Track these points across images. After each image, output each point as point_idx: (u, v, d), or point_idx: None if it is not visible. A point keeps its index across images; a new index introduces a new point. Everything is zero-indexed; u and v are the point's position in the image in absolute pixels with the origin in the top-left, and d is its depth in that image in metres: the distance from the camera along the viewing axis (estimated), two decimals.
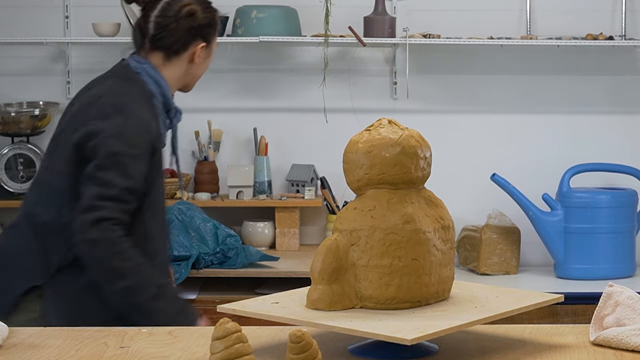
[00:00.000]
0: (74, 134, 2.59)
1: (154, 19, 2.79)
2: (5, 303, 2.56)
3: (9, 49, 4.17)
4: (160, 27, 2.78)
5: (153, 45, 2.79)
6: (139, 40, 2.82)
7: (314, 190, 4.08)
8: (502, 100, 4.20)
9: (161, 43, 2.79)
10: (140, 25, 2.82)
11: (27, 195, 2.74)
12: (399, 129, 1.85)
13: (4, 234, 2.76)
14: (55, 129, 2.74)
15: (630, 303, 1.84)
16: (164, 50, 2.79)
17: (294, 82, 4.17)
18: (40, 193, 2.64)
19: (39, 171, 2.80)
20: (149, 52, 2.81)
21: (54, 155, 2.65)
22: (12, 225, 2.71)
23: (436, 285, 1.82)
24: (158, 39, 2.78)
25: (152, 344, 1.88)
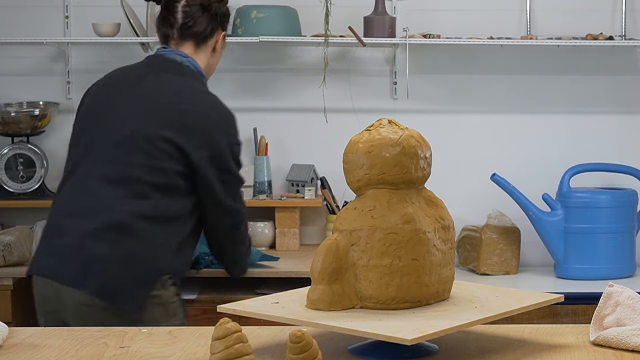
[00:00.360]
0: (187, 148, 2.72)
1: (181, 9, 2.90)
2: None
3: (9, 49, 4.17)
4: (188, 15, 2.90)
5: (182, 35, 2.91)
6: (167, 31, 2.92)
7: (314, 190, 4.07)
8: (502, 100, 4.20)
9: (190, 31, 2.91)
10: (165, 17, 2.91)
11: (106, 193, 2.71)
12: (399, 129, 1.85)
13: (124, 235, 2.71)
14: (110, 128, 2.79)
15: (630, 303, 1.84)
16: (194, 39, 2.92)
17: (294, 82, 4.16)
18: (129, 188, 2.70)
19: (118, 169, 2.74)
20: (179, 43, 2.92)
21: (141, 156, 2.72)
22: (122, 226, 2.69)
23: (436, 285, 1.82)
24: (187, 27, 2.90)
25: (152, 344, 1.88)
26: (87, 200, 2.72)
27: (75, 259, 2.66)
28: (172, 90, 2.82)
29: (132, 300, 2.64)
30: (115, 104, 2.83)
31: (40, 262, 2.77)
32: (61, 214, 2.77)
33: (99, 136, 2.80)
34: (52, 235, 2.76)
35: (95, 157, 2.77)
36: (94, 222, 2.67)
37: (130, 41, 3.97)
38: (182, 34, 2.91)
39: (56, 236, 2.74)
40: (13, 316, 3.65)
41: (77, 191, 2.76)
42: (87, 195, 2.73)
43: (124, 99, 2.83)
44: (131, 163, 2.73)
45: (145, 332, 1.97)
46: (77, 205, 2.73)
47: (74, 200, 2.75)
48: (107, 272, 2.65)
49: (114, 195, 2.70)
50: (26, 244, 3.79)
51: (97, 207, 2.70)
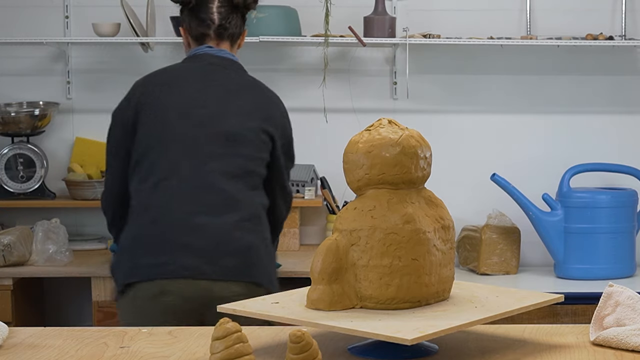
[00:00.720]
0: (274, 133, 2.88)
1: (216, 10, 2.95)
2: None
3: (9, 49, 4.17)
4: (224, 16, 2.95)
5: (220, 35, 2.96)
6: (205, 31, 2.95)
7: (314, 190, 4.08)
8: (502, 100, 4.20)
9: (227, 32, 2.96)
10: (201, 18, 2.94)
11: (231, 187, 2.78)
12: (399, 129, 1.85)
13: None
14: (210, 125, 2.81)
15: (630, 303, 1.84)
16: (230, 39, 2.98)
17: (294, 82, 4.16)
18: (248, 181, 2.80)
19: (237, 163, 2.80)
20: (217, 43, 2.96)
21: (251, 149, 2.82)
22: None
23: (436, 285, 1.82)
24: (225, 28, 2.96)
25: (152, 344, 1.88)
26: (214, 196, 2.75)
27: (229, 252, 2.72)
28: (249, 84, 2.93)
29: (276, 284, 2.81)
30: (203, 102, 2.84)
31: (174, 264, 2.69)
32: (182, 212, 2.73)
33: (200, 134, 2.80)
34: (179, 235, 2.71)
35: (203, 153, 2.78)
36: (234, 215, 2.74)
37: (130, 41, 3.97)
38: (219, 34, 2.96)
39: (188, 235, 2.71)
40: (13, 316, 3.65)
41: (196, 188, 2.75)
42: (212, 190, 2.75)
43: (210, 96, 2.85)
44: (246, 156, 2.81)
45: (145, 332, 1.97)
46: (204, 202, 2.74)
47: (197, 198, 2.75)
48: (262, 260, 2.78)
49: (237, 189, 2.78)
50: (26, 244, 3.79)
51: (229, 201, 2.75)
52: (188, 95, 2.84)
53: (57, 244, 3.81)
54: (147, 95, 2.85)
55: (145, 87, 2.88)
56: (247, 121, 2.84)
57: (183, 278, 2.69)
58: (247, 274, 2.73)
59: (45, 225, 3.85)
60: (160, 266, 2.70)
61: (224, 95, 2.87)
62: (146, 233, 2.74)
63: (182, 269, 2.69)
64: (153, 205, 2.75)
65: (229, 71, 2.93)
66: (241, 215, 2.76)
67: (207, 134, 2.79)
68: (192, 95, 2.85)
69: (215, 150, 2.79)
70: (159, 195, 2.75)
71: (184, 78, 2.89)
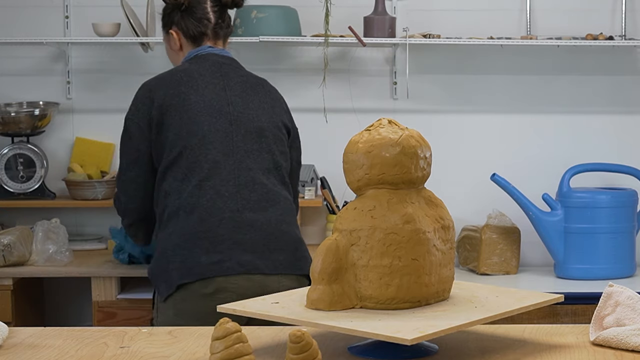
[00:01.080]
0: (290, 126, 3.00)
1: (211, 9, 2.98)
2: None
3: (9, 49, 4.17)
4: (218, 15, 2.99)
5: (217, 34, 3.00)
6: (203, 30, 2.97)
7: (314, 190, 4.07)
8: (502, 100, 4.20)
9: (223, 31, 3.01)
10: (198, 17, 2.96)
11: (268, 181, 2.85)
12: (399, 129, 1.85)
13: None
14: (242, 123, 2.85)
15: (630, 303, 1.84)
16: (225, 37, 3.03)
17: (294, 82, 4.16)
18: (278, 175, 2.89)
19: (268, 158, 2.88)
20: (214, 42, 3.00)
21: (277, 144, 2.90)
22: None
23: (436, 285, 1.82)
24: (221, 27, 3.00)
25: (152, 344, 1.88)
26: (256, 192, 2.81)
27: (279, 247, 2.78)
28: (258, 80, 2.98)
29: None
30: (228, 100, 2.87)
31: (230, 261, 2.72)
32: (229, 210, 2.76)
33: (234, 131, 2.84)
34: (231, 232, 2.74)
35: (240, 151, 2.83)
36: (276, 209, 2.81)
37: (130, 41, 3.97)
38: (216, 33, 2.99)
39: (239, 232, 2.75)
40: (13, 316, 3.65)
41: (239, 186, 2.79)
42: (253, 187, 2.81)
43: (233, 93, 2.89)
44: (275, 151, 2.89)
45: (145, 332, 1.97)
46: (249, 199, 2.79)
47: (241, 195, 2.79)
48: (307, 252, 2.84)
49: (273, 183, 2.85)
50: (26, 244, 3.79)
51: (270, 195, 2.82)
52: (214, 94, 2.86)
53: (57, 244, 3.81)
54: (173, 96, 2.83)
55: (167, 88, 2.84)
56: (271, 116, 2.92)
57: (239, 274, 2.71)
58: (297, 267, 2.79)
59: (45, 225, 3.85)
60: (217, 264, 2.71)
61: (244, 92, 2.91)
62: (197, 232, 2.74)
63: (238, 266, 2.72)
64: (200, 204, 2.75)
65: (238, 69, 2.96)
66: (282, 210, 2.83)
67: (240, 131, 2.84)
68: (217, 93, 2.86)
69: (250, 146, 2.84)
70: (204, 194, 2.76)
71: (202, 77, 2.88)
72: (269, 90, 2.99)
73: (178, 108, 2.82)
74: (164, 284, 2.75)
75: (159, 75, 2.92)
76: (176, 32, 3.00)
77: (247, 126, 2.85)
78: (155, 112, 2.82)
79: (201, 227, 2.74)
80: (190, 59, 2.97)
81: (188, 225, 2.74)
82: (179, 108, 2.82)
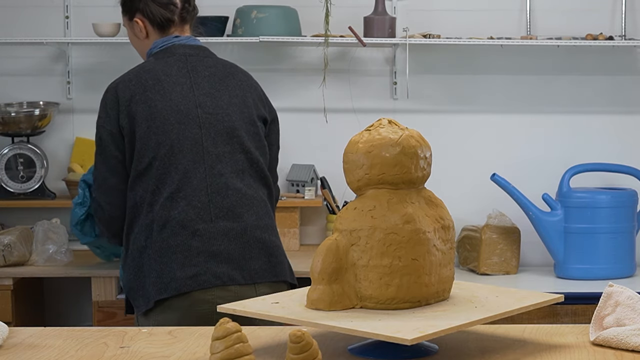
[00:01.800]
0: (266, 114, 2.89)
1: None
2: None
3: (9, 49, 4.17)
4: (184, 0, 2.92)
5: (183, 19, 2.92)
6: (169, 16, 2.89)
7: (314, 190, 4.07)
8: (502, 100, 4.20)
9: (190, 14, 2.93)
10: (164, 3, 2.88)
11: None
12: (399, 129, 1.85)
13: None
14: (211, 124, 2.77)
15: (630, 303, 1.84)
16: (191, 21, 2.95)
17: (294, 82, 4.16)
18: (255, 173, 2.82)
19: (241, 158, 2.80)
20: (180, 27, 2.92)
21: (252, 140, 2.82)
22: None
23: (436, 285, 1.82)
24: (187, 11, 2.92)
25: (152, 344, 1.88)
26: (229, 198, 2.73)
27: (254, 256, 2.72)
28: (227, 69, 2.88)
29: (293, 275, 2.85)
30: (197, 100, 2.77)
31: (206, 274, 2.66)
32: (202, 220, 2.70)
33: (203, 136, 2.75)
34: (205, 244, 2.69)
35: (210, 156, 2.74)
36: (251, 215, 2.75)
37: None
38: (183, 18, 2.90)
39: (213, 243, 2.70)
40: (13, 316, 3.65)
41: (211, 194, 2.72)
42: (226, 193, 2.73)
43: (201, 92, 2.79)
44: (249, 149, 2.79)
45: (145, 332, 1.97)
46: (222, 207, 2.72)
47: (214, 204, 2.72)
48: (283, 257, 2.81)
49: (248, 185, 2.77)
50: (26, 244, 3.79)
51: (244, 200, 2.75)
52: (181, 97, 2.76)
53: (57, 244, 3.81)
54: (139, 102, 2.74)
55: (132, 92, 2.75)
56: (242, 111, 2.80)
57: (215, 287, 2.66)
58: (273, 274, 2.74)
59: (45, 225, 3.85)
60: (193, 278, 2.65)
61: (213, 88, 2.81)
62: (171, 247, 2.68)
63: (213, 278, 2.66)
64: (172, 217, 2.69)
65: (207, 59, 2.86)
66: (257, 214, 2.76)
67: (211, 135, 2.74)
68: (184, 95, 2.76)
69: (222, 149, 2.75)
70: (176, 206, 2.69)
71: (169, 76, 2.78)
72: (239, 80, 2.86)
73: (146, 117, 2.72)
74: (141, 299, 2.71)
75: (125, 76, 2.81)
76: (141, 20, 2.89)
77: (217, 128, 2.76)
78: (124, 120, 2.74)
79: (174, 241, 2.68)
80: (155, 53, 2.87)
81: (161, 239, 2.68)
82: (146, 117, 2.72)
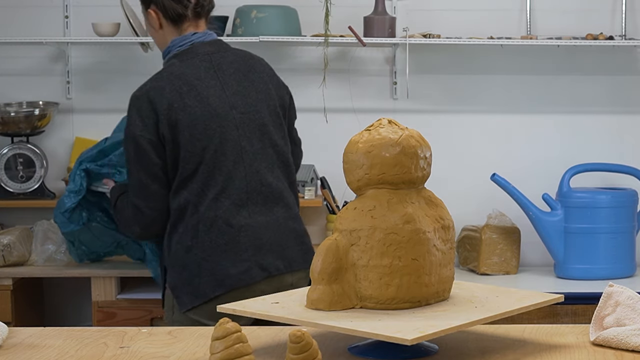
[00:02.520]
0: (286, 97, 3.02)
1: None
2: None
3: (8, 49, 4.17)
4: None
5: (198, 15, 2.95)
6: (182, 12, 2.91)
7: (314, 190, 4.07)
8: (502, 100, 4.20)
9: (204, 10, 2.97)
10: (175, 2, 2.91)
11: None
12: (399, 129, 1.85)
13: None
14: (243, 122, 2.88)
15: (630, 303, 1.84)
16: (206, 16, 2.99)
17: (294, 82, 4.14)
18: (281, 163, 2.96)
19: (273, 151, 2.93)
20: (194, 22, 2.95)
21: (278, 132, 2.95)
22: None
23: (436, 285, 1.82)
24: (202, 6, 2.95)
25: (152, 344, 1.88)
26: (264, 194, 2.88)
27: (290, 245, 2.88)
28: (245, 60, 2.96)
29: None
30: (229, 101, 2.86)
31: (255, 268, 2.81)
32: (244, 217, 2.83)
33: (240, 136, 2.86)
34: (252, 239, 2.83)
35: (248, 155, 2.87)
36: (281, 206, 2.90)
37: (130, 41, 3.97)
38: (197, 13, 2.94)
39: (257, 237, 2.84)
40: (13, 316, 3.65)
41: (250, 192, 2.86)
42: (261, 189, 2.88)
43: (230, 91, 2.88)
44: (277, 142, 2.93)
45: (145, 332, 1.97)
46: (259, 202, 2.87)
47: (253, 200, 2.86)
48: (311, 244, 2.97)
49: (277, 177, 2.91)
50: (26, 244, 3.79)
51: (275, 194, 2.89)
52: (215, 99, 2.85)
53: (57, 244, 3.81)
54: (178, 110, 2.80)
55: (169, 100, 2.81)
56: (269, 104, 2.93)
57: (264, 279, 2.81)
58: (306, 260, 2.86)
59: (45, 225, 3.85)
60: (245, 272, 2.80)
61: (240, 85, 2.91)
62: (220, 245, 2.81)
63: (262, 271, 2.82)
64: (218, 217, 2.81)
65: (227, 54, 2.94)
66: (286, 205, 2.92)
67: (246, 134, 2.87)
68: (218, 97, 2.85)
69: (256, 147, 2.88)
70: (221, 206, 2.82)
71: (200, 80, 2.86)
72: (260, 72, 2.97)
73: (187, 124, 2.81)
74: (187, 296, 2.81)
75: (155, 83, 2.84)
76: (155, 12, 2.94)
77: (250, 127, 2.88)
78: (164, 129, 2.80)
79: (223, 239, 2.81)
80: (178, 55, 2.91)
81: (209, 238, 2.81)
82: (188, 124, 2.81)
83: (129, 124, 2.83)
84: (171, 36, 2.96)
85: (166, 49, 2.96)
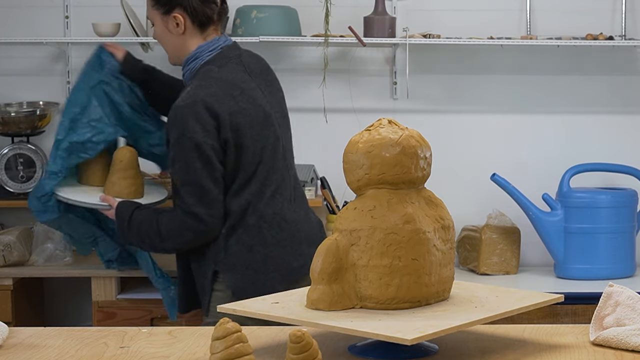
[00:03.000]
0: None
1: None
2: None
3: (9, 49, 4.17)
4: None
5: (220, 19, 2.99)
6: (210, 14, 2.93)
7: (314, 190, 4.07)
8: (502, 100, 4.20)
9: (224, 14, 3.01)
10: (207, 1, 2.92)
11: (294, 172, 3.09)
12: (399, 129, 1.85)
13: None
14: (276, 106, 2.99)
15: (630, 303, 1.84)
16: (222, 21, 3.03)
17: (294, 82, 4.16)
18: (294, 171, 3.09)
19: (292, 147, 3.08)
20: (217, 27, 2.99)
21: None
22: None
23: (436, 285, 1.82)
24: (224, 10, 2.99)
25: (152, 344, 1.88)
26: (299, 191, 3.06)
27: (321, 234, 3.02)
28: (264, 67, 3.05)
29: None
30: (268, 104, 2.95)
31: (310, 260, 2.88)
32: (293, 211, 2.98)
33: (283, 137, 2.99)
34: (303, 232, 2.97)
35: (289, 155, 3.03)
36: (305, 202, 3.08)
37: (130, 41, 3.97)
38: (220, 17, 2.97)
39: (305, 230, 2.98)
40: (13, 316, 3.65)
41: (294, 189, 3.02)
42: (297, 187, 3.05)
43: (265, 94, 2.97)
44: (291, 138, 3.08)
45: (145, 332, 1.97)
46: (296, 197, 3.02)
47: (296, 198, 3.03)
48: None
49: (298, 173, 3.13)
50: (26, 244, 3.79)
51: (302, 190, 3.09)
52: (261, 101, 2.92)
53: (57, 244, 3.81)
54: (237, 114, 2.83)
55: (228, 105, 2.82)
56: (284, 102, 3.07)
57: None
58: None
59: (45, 225, 3.84)
60: (304, 265, 2.81)
61: (267, 86, 3.00)
62: (280, 241, 2.91)
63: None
64: (277, 214, 2.92)
65: (248, 56, 3.01)
66: (306, 201, 3.10)
67: (283, 132, 2.99)
68: (262, 99, 2.93)
69: (289, 145, 3.05)
70: (277, 204, 2.92)
71: (244, 82, 2.91)
72: (271, 70, 3.08)
73: (247, 127, 2.85)
74: (255, 295, 2.78)
75: (206, 90, 2.82)
76: (182, 15, 2.89)
77: (283, 125, 3.00)
78: (227, 134, 2.82)
79: (282, 235, 2.90)
80: (212, 61, 2.90)
81: (270, 235, 2.89)
82: (248, 126, 2.85)
83: (183, 133, 2.78)
84: (194, 41, 2.92)
85: (191, 55, 2.92)
